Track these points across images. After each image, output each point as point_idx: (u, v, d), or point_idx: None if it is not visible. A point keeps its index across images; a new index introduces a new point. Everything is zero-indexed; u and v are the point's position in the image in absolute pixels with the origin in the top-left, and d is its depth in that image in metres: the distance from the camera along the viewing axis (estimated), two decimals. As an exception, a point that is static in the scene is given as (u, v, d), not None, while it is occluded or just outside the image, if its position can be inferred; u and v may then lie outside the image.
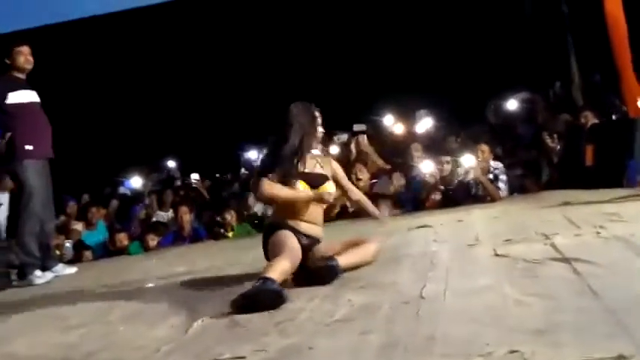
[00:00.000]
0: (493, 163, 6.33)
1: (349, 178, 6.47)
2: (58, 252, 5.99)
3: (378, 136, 8.27)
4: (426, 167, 6.54)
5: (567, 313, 2.02)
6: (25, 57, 5.00)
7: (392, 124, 8.48)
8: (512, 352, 1.71)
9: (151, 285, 3.92)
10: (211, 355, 2.13)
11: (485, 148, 6.38)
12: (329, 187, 3.50)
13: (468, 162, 6.10)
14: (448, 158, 6.42)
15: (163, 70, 13.12)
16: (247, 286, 3.13)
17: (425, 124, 8.38)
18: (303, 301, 2.77)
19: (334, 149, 7.65)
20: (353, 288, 2.91)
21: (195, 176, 9.42)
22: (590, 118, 6.50)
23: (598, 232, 3.33)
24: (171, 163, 11.03)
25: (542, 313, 2.06)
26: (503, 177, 6.22)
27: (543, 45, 10.09)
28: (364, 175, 6.57)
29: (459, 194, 6.13)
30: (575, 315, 1.99)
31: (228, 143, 10.80)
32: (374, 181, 6.87)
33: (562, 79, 9.61)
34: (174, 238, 6.97)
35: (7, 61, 4.95)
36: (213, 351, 2.18)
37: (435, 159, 6.60)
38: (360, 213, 4.40)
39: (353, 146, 7.71)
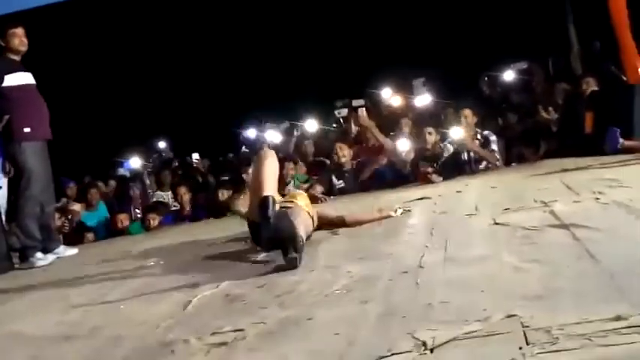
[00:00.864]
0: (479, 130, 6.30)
1: (331, 158, 6.54)
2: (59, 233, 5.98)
3: (376, 110, 8.24)
4: (402, 145, 6.50)
5: (566, 279, 2.02)
6: (19, 39, 4.96)
7: (389, 96, 8.45)
8: (510, 316, 1.71)
9: (151, 263, 3.93)
10: (211, 329, 2.13)
11: (468, 112, 6.35)
12: None
13: (456, 134, 6.06)
14: (431, 129, 6.39)
15: (161, 50, 13.07)
16: (244, 263, 3.16)
17: (422, 98, 8.35)
18: (302, 273, 2.78)
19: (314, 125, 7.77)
20: (352, 259, 2.91)
21: (195, 156, 9.43)
22: (590, 85, 6.46)
23: (597, 198, 3.32)
24: (162, 144, 11.06)
25: (541, 279, 2.06)
26: (493, 138, 6.19)
27: (542, 14, 10.02)
28: (346, 152, 6.56)
29: (449, 168, 6.10)
30: (574, 280, 1.99)
31: (226, 122, 10.79)
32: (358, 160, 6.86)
33: (561, 48, 9.55)
34: (174, 217, 6.98)
35: (2, 43, 4.92)
36: (213, 325, 2.19)
37: (418, 133, 6.58)
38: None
39: (352, 121, 7.71)
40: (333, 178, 6.37)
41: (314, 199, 5.16)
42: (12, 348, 2.44)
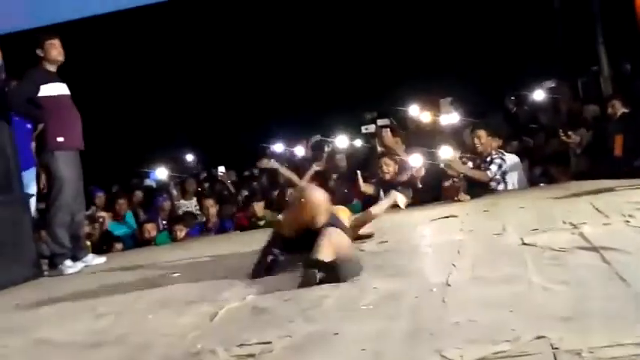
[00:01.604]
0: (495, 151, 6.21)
1: (376, 173, 6.49)
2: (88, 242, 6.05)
3: (402, 127, 8.22)
4: (415, 161, 6.42)
5: (596, 300, 2.00)
6: (57, 49, 5.06)
7: (418, 113, 8.42)
8: (540, 337, 1.70)
9: (177, 274, 3.96)
10: (237, 341, 2.15)
11: (482, 133, 6.27)
12: None
13: (445, 154, 5.99)
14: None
15: (193, 62, 13.22)
16: (273, 277, 3.18)
17: (450, 117, 8.32)
18: (329, 289, 2.78)
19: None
20: (379, 276, 2.91)
21: (221, 169, 9.49)
22: (618, 107, 6.40)
23: (627, 221, 3.28)
24: (190, 157, 11.13)
25: (570, 301, 2.04)
26: (497, 161, 6.10)
27: (572, 34, 9.96)
28: (391, 168, 6.50)
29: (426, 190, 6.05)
30: (604, 302, 1.97)
31: (253, 136, 10.86)
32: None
33: (591, 69, 9.48)
34: (200, 229, 7.04)
35: (40, 54, 5.02)
36: (239, 337, 2.20)
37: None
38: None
39: (377, 141, 7.71)
40: (381, 192, 6.30)
41: None
42: (41, 355, 2.48)
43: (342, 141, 8.31)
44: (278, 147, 9.81)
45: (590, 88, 9.03)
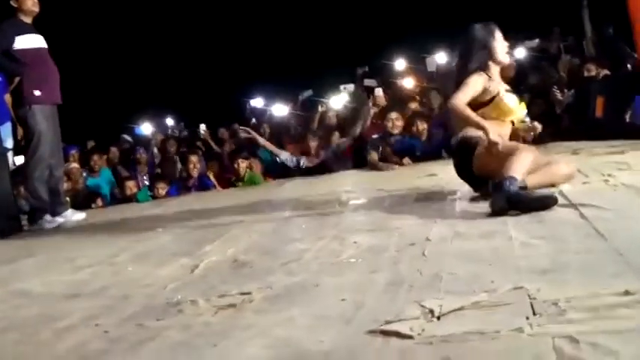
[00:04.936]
0: None
1: (384, 127, 6.43)
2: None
3: (389, 91, 8.18)
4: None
5: (574, 254, 2.02)
6: (32, 0, 4.93)
7: (402, 73, 8.38)
8: (517, 288, 1.72)
9: (159, 230, 3.95)
10: (217, 292, 2.15)
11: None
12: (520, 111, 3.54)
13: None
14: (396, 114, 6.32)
15: (168, 17, 12.97)
16: (254, 232, 3.18)
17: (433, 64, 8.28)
18: (309, 242, 2.79)
19: (342, 99, 7.63)
20: (359, 231, 2.93)
21: (203, 127, 9.41)
22: (593, 71, 6.41)
23: (606, 180, 3.31)
24: (171, 118, 10.99)
25: (549, 254, 2.06)
26: None
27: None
28: (399, 122, 6.44)
29: None
30: (582, 256, 1.99)
31: (232, 91, 10.70)
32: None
33: (574, 32, 9.46)
34: (179, 187, 6.99)
35: (14, 4, 4.89)
36: (220, 288, 2.21)
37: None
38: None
39: (371, 102, 7.66)
40: (380, 149, 6.24)
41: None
42: (20, 304, 2.46)
43: (335, 101, 8.18)
44: (257, 102, 9.69)
45: (572, 49, 9.02)
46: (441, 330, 1.51)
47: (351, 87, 8.18)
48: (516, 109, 3.52)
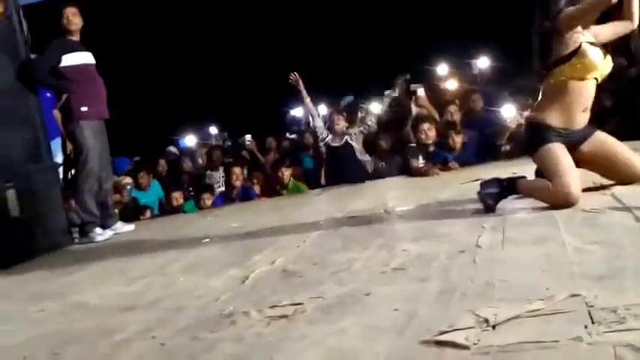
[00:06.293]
0: None
1: (416, 137, 6.38)
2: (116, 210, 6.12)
3: (433, 94, 8.10)
4: (508, 111, 6.23)
5: (630, 259, 1.98)
6: (67, 18, 5.05)
7: (445, 77, 8.29)
8: (574, 295, 1.69)
9: (207, 240, 4.00)
10: (269, 303, 2.17)
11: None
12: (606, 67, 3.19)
13: (508, 112, 5.90)
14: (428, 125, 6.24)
15: (215, 32, 13.13)
16: (301, 242, 3.20)
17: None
18: (358, 251, 2.79)
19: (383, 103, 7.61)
20: (408, 239, 2.92)
21: (248, 137, 9.50)
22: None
23: (659, 182, 3.23)
24: (214, 128, 11.08)
25: (604, 260, 2.02)
26: None
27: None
28: (431, 133, 6.38)
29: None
30: (638, 261, 1.95)
31: (274, 101, 10.74)
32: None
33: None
34: (224, 198, 7.06)
35: (62, 23, 5.04)
36: (271, 299, 2.22)
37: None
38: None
39: (412, 104, 7.61)
40: (420, 158, 6.21)
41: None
42: (78, 317, 2.53)
43: (375, 106, 8.14)
44: (297, 111, 9.72)
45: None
46: (498, 340, 1.49)
47: (395, 93, 8.14)
48: (601, 65, 3.15)
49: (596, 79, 3.20)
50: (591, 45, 3.13)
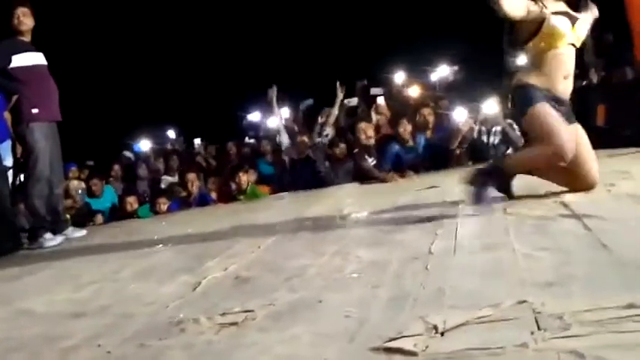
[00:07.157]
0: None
1: (355, 138, 6.43)
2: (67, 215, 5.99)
3: (392, 100, 8.15)
4: (459, 115, 6.27)
5: (578, 266, 2.01)
6: (17, 18, 4.92)
7: (404, 83, 8.36)
8: (521, 302, 1.71)
9: (160, 246, 3.94)
10: (220, 310, 2.14)
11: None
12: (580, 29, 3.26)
13: (490, 109, 5.92)
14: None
15: (169, 33, 12.99)
16: (256, 248, 3.17)
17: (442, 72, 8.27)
18: (311, 258, 2.78)
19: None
20: (361, 245, 2.92)
21: (197, 141, 9.41)
22: (593, 79, 6.41)
23: (609, 190, 3.32)
24: (171, 132, 10.98)
25: (552, 267, 2.05)
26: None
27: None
28: (370, 132, 6.44)
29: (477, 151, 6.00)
30: (586, 268, 1.98)
31: (228, 106, 10.66)
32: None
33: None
34: (181, 203, 6.98)
35: (11, 24, 4.90)
36: (222, 305, 2.19)
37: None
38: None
39: (373, 112, 7.67)
40: (367, 157, 6.24)
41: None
42: (23, 324, 2.45)
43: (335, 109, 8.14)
44: (254, 116, 9.66)
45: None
46: (446, 346, 1.50)
47: (354, 100, 8.19)
48: (569, 31, 3.22)
49: (573, 45, 3.27)
50: (559, 14, 3.21)
